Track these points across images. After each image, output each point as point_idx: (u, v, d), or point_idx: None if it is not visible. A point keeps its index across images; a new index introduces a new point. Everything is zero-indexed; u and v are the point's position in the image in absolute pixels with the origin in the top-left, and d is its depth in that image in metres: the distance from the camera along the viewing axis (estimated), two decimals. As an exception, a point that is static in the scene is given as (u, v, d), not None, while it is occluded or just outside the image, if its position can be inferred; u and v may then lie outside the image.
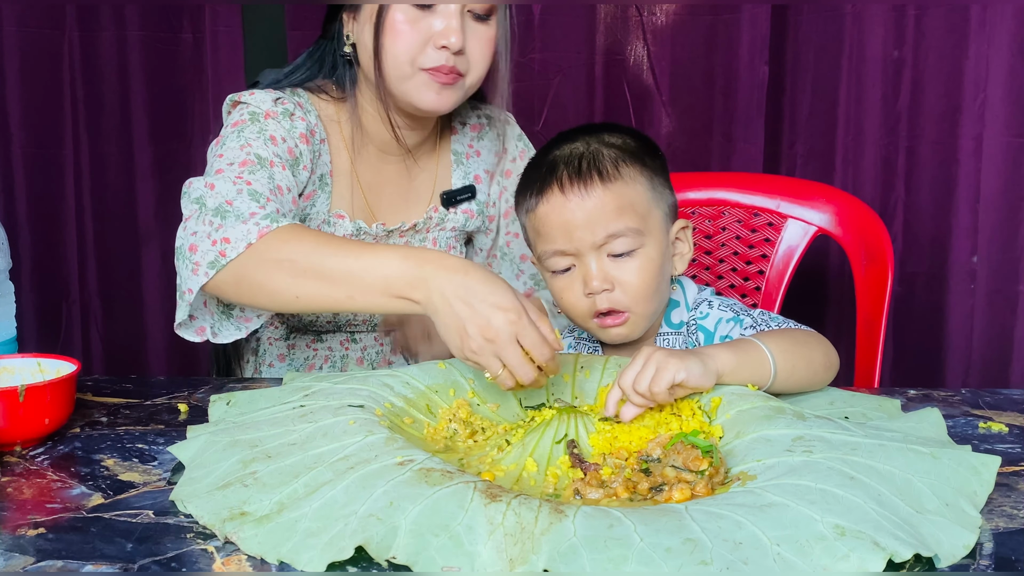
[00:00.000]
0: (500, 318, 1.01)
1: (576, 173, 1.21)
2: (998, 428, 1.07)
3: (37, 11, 2.09)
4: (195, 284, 1.15)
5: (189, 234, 1.18)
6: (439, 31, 1.27)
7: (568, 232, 1.20)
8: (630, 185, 1.22)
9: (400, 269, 1.06)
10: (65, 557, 0.78)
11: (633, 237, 1.20)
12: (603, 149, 1.23)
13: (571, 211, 1.20)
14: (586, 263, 1.21)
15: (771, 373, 1.08)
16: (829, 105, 1.99)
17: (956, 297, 1.96)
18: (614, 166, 1.21)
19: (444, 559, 0.74)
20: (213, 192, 1.20)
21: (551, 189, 1.21)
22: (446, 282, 1.03)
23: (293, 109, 1.34)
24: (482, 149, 1.51)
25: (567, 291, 1.23)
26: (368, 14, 1.31)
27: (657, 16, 2.03)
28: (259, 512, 0.82)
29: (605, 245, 1.20)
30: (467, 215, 1.48)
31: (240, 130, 1.30)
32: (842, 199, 1.70)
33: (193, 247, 1.16)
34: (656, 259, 1.23)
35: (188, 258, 1.16)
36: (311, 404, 1.02)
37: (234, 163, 1.25)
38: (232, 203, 1.18)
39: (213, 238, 1.15)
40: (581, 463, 0.93)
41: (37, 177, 2.15)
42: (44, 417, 1.03)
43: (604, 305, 1.21)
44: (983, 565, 0.76)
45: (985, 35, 1.87)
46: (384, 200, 1.44)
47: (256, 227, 1.13)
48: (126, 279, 2.22)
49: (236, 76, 2.10)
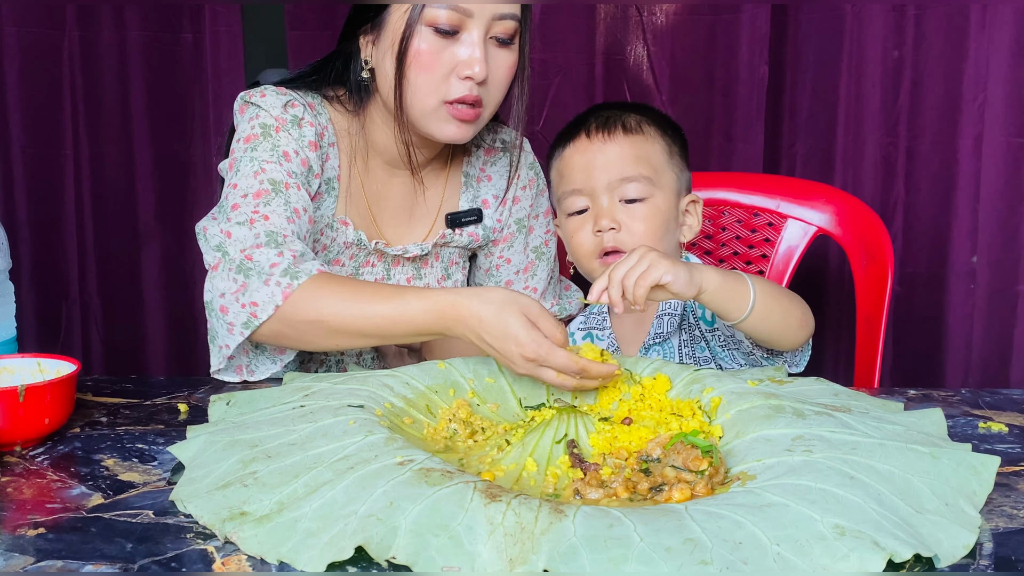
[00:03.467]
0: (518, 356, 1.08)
1: (603, 124, 1.38)
2: (998, 428, 1.07)
3: (37, 11, 2.08)
4: (232, 342, 1.22)
5: (218, 294, 1.23)
6: (463, 60, 1.25)
7: (587, 172, 1.36)
8: (649, 142, 1.38)
9: (424, 321, 1.15)
10: (65, 557, 0.78)
11: (645, 184, 1.35)
12: (630, 113, 1.40)
13: (592, 153, 1.37)
14: (599, 203, 1.35)
15: (749, 306, 1.16)
16: (829, 105, 1.99)
17: (956, 297, 1.96)
18: (637, 124, 1.38)
19: (444, 559, 0.74)
20: (232, 241, 1.24)
21: (579, 135, 1.39)
22: (467, 331, 1.12)
23: (302, 114, 1.33)
24: (494, 174, 1.49)
25: (579, 231, 1.37)
26: (390, 42, 1.28)
27: (657, 16, 2.03)
28: (259, 512, 0.82)
29: (618, 189, 1.35)
30: (471, 237, 1.47)
31: (252, 148, 1.30)
32: (842, 199, 1.70)
33: (224, 308, 1.22)
34: (663, 212, 1.36)
35: (221, 318, 1.22)
36: (311, 404, 1.02)
37: (248, 195, 1.27)
38: (251, 257, 1.21)
39: (242, 301, 1.20)
40: (581, 463, 0.93)
41: (37, 177, 2.15)
42: (44, 417, 1.03)
43: (610, 243, 1.34)
44: (983, 565, 0.76)
45: (985, 35, 1.87)
46: (387, 214, 1.43)
47: (279, 288, 1.18)
48: (126, 279, 2.22)
49: (236, 76, 2.10)
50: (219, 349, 1.24)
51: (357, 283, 1.23)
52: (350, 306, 1.17)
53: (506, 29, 1.27)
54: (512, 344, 1.07)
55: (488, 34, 1.26)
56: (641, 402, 1.07)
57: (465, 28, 1.25)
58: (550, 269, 1.55)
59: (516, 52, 1.31)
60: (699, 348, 1.39)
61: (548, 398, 1.13)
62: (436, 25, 1.24)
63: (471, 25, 1.25)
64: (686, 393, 1.08)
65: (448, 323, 1.13)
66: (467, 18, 1.24)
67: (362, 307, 1.17)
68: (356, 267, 1.41)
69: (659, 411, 1.04)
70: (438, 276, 1.47)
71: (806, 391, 1.08)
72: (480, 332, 1.10)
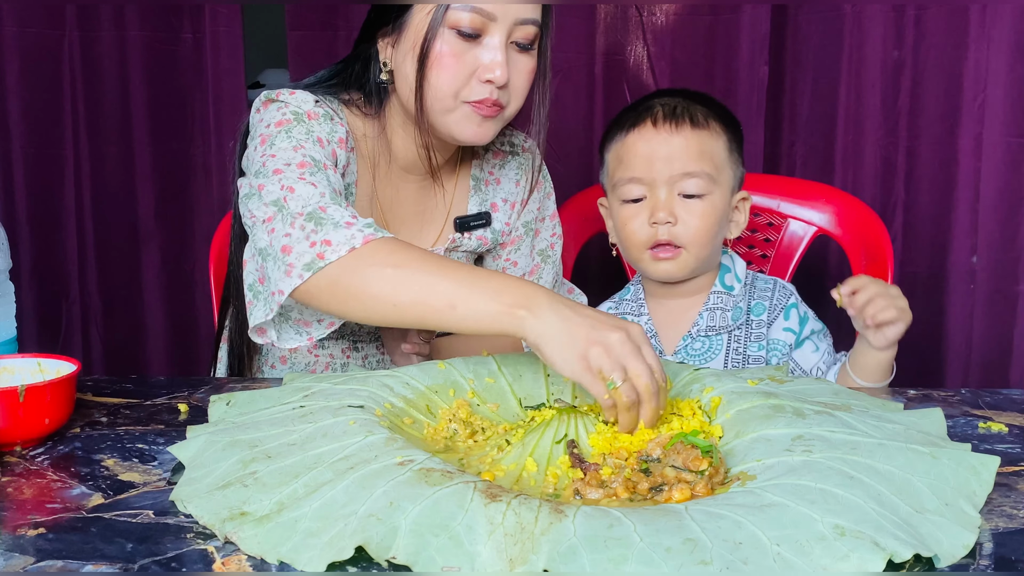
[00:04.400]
0: (617, 336, 0.98)
1: (671, 114, 1.36)
2: (998, 428, 1.07)
3: (37, 11, 2.08)
4: (287, 286, 1.11)
5: (282, 235, 1.13)
6: (485, 64, 1.24)
7: (649, 162, 1.34)
8: (714, 138, 1.36)
9: (511, 284, 1.05)
10: (65, 557, 0.78)
11: (705, 181, 1.34)
12: (697, 105, 1.38)
13: (658, 143, 1.34)
14: (657, 195, 1.34)
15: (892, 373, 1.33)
16: (829, 105, 1.99)
17: (956, 297, 1.96)
18: (704, 118, 1.36)
19: (444, 559, 0.74)
20: (295, 195, 1.16)
21: (645, 123, 1.36)
22: (559, 301, 1.02)
23: (332, 114, 1.31)
24: (503, 178, 1.49)
25: (633, 219, 1.36)
26: (411, 44, 1.27)
27: (657, 16, 2.03)
28: (259, 512, 0.82)
29: (679, 183, 1.34)
30: (480, 241, 1.46)
31: (288, 130, 1.26)
32: (842, 199, 1.70)
33: (287, 248, 1.12)
34: (719, 210, 1.36)
35: (281, 259, 1.12)
36: (311, 404, 1.02)
37: (291, 164, 1.20)
38: (326, 210, 1.14)
39: (312, 240, 1.11)
40: (581, 463, 0.93)
41: (37, 177, 2.15)
42: (44, 417, 1.03)
43: (664, 236, 1.34)
44: (983, 565, 0.76)
45: (985, 35, 1.87)
46: (398, 218, 1.43)
47: (360, 233, 1.10)
48: (126, 279, 2.22)
49: (236, 76, 2.10)
50: (270, 296, 1.15)
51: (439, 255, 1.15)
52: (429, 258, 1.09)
53: (527, 34, 1.27)
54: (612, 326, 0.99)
55: (510, 39, 1.26)
56: (641, 402, 1.07)
57: (487, 32, 1.24)
58: (555, 272, 1.54)
59: (535, 59, 1.30)
60: (755, 347, 1.38)
61: (548, 398, 1.13)
62: (459, 28, 1.24)
63: (493, 29, 1.24)
64: (686, 393, 1.08)
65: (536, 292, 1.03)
66: (490, 22, 1.24)
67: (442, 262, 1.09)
68: None
69: (659, 411, 1.04)
70: None
71: (806, 390, 1.08)
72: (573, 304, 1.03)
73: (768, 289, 1.41)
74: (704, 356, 1.37)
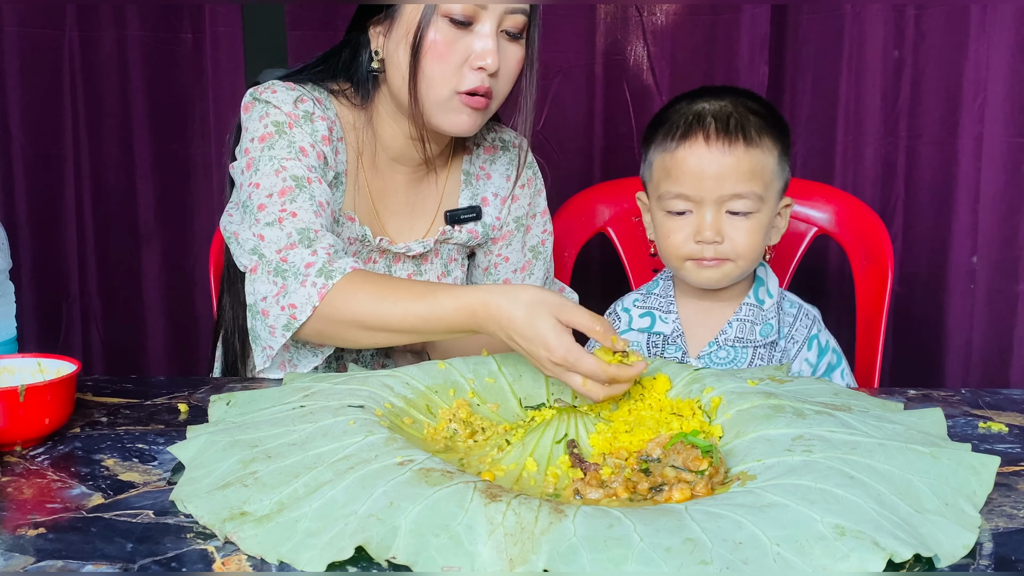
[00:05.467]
0: (546, 359, 1.06)
1: (724, 129, 1.30)
2: (998, 428, 1.07)
3: (37, 11, 2.08)
4: (275, 344, 1.25)
5: (259, 297, 1.25)
6: (477, 52, 1.28)
7: (699, 180, 1.30)
8: (766, 154, 1.31)
9: (456, 319, 1.15)
10: (65, 557, 0.78)
11: (754, 201, 1.30)
12: (750, 115, 1.32)
13: (709, 162, 1.29)
14: (703, 213, 1.31)
15: None
16: (829, 105, 1.99)
17: (956, 297, 1.96)
18: (758, 133, 1.31)
19: (444, 559, 0.74)
20: (266, 243, 1.25)
21: (696, 136, 1.30)
22: (498, 329, 1.11)
23: (312, 108, 1.33)
24: (493, 172, 1.51)
25: (676, 232, 1.33)
26: (403, 32, 1.29)
27: (657, 16, 2.03)
28: (259, 512, 0.82)
29: (728, 201, 1.30)
30: (471, 234, 1.48)
31: (270, 147, 1.30)
32: (842, 199, 1.70)
33: (265, 312, 1.24)
34: (766, 225, 1.33)
35: (263, 321, 1.25)
36: (311, 404, 1.02)
37: (273, 194, 1.27)
38: (287, 259, 1.23)
39: (281, 304, 1.23)
40: (581, 463, 0.93)
41: (37, 177, 2.15)
42: (44, 417, 1.03)
43: (710, 254, 1.31)
44: (983, 565, 0.76)
45: (985, 35, 1.87)
46: (389, 210, 1.44)
47: (315, 288, 1.20)
48: (126, 279, 2.22)
49: (236, 76, 2.10)
50: (262, 350, 1.26)
51: (390, 281, 1.24)
52: (384, 305, 1.18)
53: (516, 23, 1.30)
54: (541, 348, 1.06)
55: (500, 27, 1.29)
56: (641, 402, 1.07)
57: (478, 20, 1.28)
58: (546, 269, 1.55)
59: (523, 48, 1.33)
60: None
61: (548, 398, 1.13)
62: (451, 16, 1.27)
63: (484, 17, 1.27)
64: (686, 393, 1.08)
65: (479, 321, 1.13)
66: (481, 10, 1.27)
67: (395, 306, 1.18)
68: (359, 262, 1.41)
69: (659, 411, 1.04)
70: (438, 272, 1.48)
71: (806, 390, 1.08)
72: (510, 332, 1.10)
73: (791, 315, 1.39)
74: (727, 367, 1.34)
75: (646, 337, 1.41)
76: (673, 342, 1.39)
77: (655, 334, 1.41)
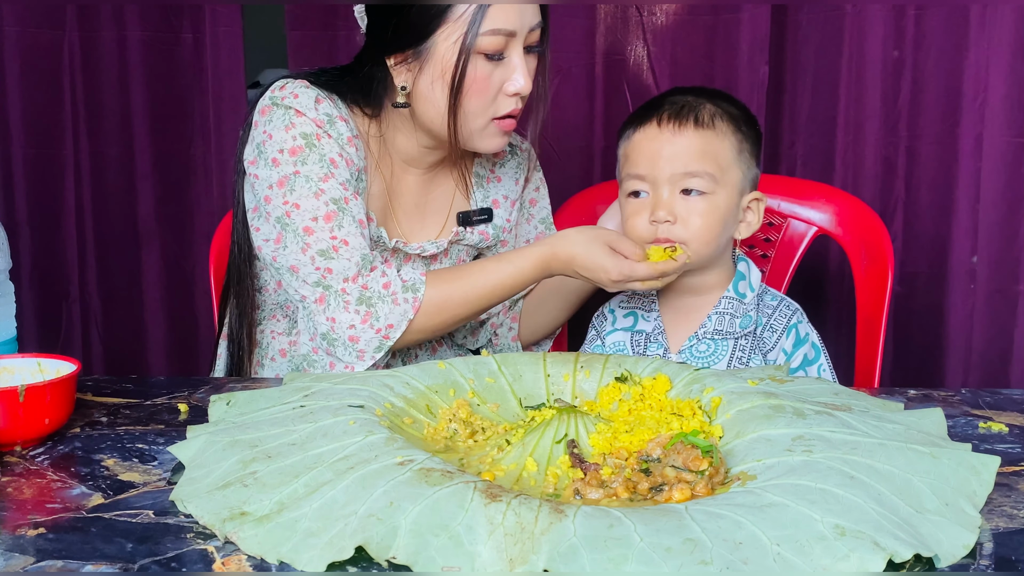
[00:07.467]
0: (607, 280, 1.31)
1: (675, 114, 1.36)
2: (998, 428, 1.07)
3: (37, 11, 2.08)
4: (362, 366, 1.31)
5: (346, 326, 1.30)
6: (511, 80, 1.31)
7: (652, 161, 1.35)
8: (719, 138, 1.35)
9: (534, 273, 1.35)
10: (65, 557, 0.78)
11: (707, 181, 1.33)
12: (707, 103, 1.37)
13: (660, 143, 1.35)
14: (659, 193, 1.35)
15: None
16: (829, 105, 1.99)
17: (956, 297, 1.96)
18: (711, 118, 1.36)
19: (444, 559, 0.74)
20: (333, 275, 1.30)
21: (650, 122, 1.37)
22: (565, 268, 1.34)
23: (331, 109, 1.35)
24: (503, 175, 1.53)
25: (635, 215, 1.37)
26: (439, 72, 1.30)
27: (657, 16, 2.03)
28: (259, 512, 0.82)
29: (680, 182, 1.34)
30: (482, 236, 1.50)
31: (302, 162, 1.31)
32: (842, 199, 1.70)
33: (354, 338, 1.30)
34: (722, 210, 1.35)
35: (350, 347, 1.30)
36: (311, 404, 1.02)
37: (318, 218, 1.31)
38: (367, 287, 1.30)
39: (376, 327, 1.29)
40: (581, 463, 0.93)
41: (37, 177, 2.15)
42: (44, 417, 1.03)
43: (663, 235, 1.34)
44: (983, 565, 0.76)
45: (985, 35, 1.87)
46: (401, 211, 1.46)
47: (408, 304, 1.30)
48: (126, 279, 2.22)
49: (236, 76, 2.10)
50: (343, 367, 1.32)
51: (462, 268, 1.38)
52: (473, 289, 1.33)
53: (535, 38, 1.34)
54: (601, 272, 1.30)
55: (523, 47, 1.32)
56: (641, 402, 1.07)
57: (508, 48, 1.30)
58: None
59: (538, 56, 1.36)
60: (758, 359, 1.38)
61: (548, 398, 1.13)
62: (485, 52, 1.29)
63: (513, 44, 1.30)
64: (686, 393, 1.08)
65: (552, 266, 1.34)
66: (511, 39, 1.30)
67: (482, 285, 1.33)
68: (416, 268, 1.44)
69: (659, 411, 1.04)
70: None
71: (806, 390, 1.08)
72: (575, 267, 1.32)
73: (771, 306, 1.40)
74: (708, 359, 1.36)
75: (629, 336, 1.43)
76: (655, 339, 1.40)
77: (637, 332, 1.43)
